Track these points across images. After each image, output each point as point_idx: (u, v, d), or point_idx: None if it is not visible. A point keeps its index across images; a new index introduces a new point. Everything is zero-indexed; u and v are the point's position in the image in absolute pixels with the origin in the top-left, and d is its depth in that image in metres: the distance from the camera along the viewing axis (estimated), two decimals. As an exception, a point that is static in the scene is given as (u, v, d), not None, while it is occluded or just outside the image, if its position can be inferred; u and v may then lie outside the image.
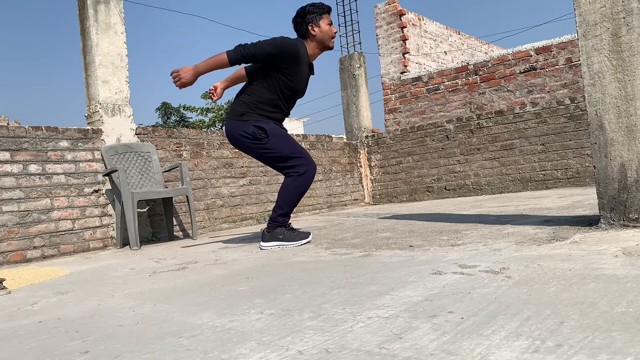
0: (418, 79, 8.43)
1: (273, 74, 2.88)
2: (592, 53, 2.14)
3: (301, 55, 2.87)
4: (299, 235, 2.91)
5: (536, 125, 5.72)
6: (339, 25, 8.13)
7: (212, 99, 3.12)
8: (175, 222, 4.54)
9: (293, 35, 3.00)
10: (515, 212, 3.29)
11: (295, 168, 2.91)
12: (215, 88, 3.14)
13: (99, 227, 4.04)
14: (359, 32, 7.98)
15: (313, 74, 3.08)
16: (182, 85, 2.79)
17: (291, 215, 3.06)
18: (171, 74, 2.84)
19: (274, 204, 3.10)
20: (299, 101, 3.12)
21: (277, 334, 1.17)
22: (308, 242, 2.91)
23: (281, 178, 5.73)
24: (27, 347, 1.30)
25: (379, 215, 4.43)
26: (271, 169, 5.64)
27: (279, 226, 2.88)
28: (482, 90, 7.70)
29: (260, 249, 2.88)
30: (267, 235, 2.88)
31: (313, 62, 3.05)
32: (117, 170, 3.81)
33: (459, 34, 10.39)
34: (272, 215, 2.90)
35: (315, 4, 2.96)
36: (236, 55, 2.78)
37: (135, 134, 4.35)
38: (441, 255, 1.97)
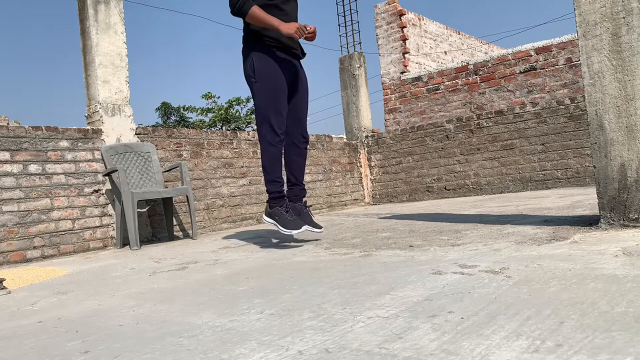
0: (418, 79, 8.43)
1: None
2: (592, 53, 2.14)
3: None
4: (294, 222, 2.73)
5: (536, 125, 5.72)
6: (338, 25, 8.13)
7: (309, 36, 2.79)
8: (175, 222, 4.54)
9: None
10: (515, 212, 3.29)
11: (259, 127, 2.80)
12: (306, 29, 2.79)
13: (99, 227, 4.04)
14: (359, 32, 7.98)
15: None
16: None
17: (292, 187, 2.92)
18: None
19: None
20: None
21: (277, 333, 1.17)
22: (299, 232, 2.72)
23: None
24: (27, 347, 1.30)
25: (379, 215, 4.43)
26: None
27: (271, 197, 2.80)
28: (482, 90, 7.70)
29: (264, 220, 2.81)
30: (268, 209, 2.82)
31: None
32: (117, 170, 3.81)
33: (459, 33, 10.39)
34: None
35: None
36: (238, 6, 2.71)
37: (135, 134, 4.35)
38: (441, 255, 1.97)
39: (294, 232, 2.72)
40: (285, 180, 2.94)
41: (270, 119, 2.76)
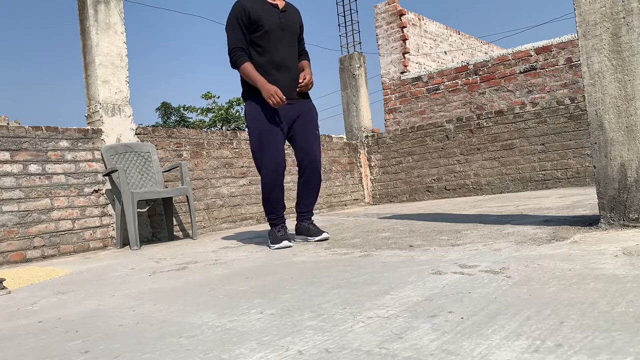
0: (418, 78, 8.43)
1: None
2: (592, 53, 2.14)
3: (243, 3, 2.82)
4: (277, 239, 2.87)
5: (536, 125, 5.72)
6: (338, 25, 8.13)
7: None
8: (175, 222, 4.54)
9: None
10: (515, 212, 3.29)
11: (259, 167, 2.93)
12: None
13: (99, 227, 4.04)
14: (359, 32, 7.99)
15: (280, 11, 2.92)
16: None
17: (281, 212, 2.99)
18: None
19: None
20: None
21: (277, 334, 1.17)
22: (282, 247, 2.81)
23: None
24: (27, 347, 1.30)
25: (379, 215, 4.43)
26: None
27: (269, 222, 2.98)
28: (482, 90, 7.70)
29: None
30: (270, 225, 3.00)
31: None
32: (117, 170, 3.81)
33: (459, 33, 10.39)
34: None
35: None
36: (233, 60, 2.87)
37: (135, 133, 4.35)
38: (441, 255, 1.97)
39: (275, 245, 2.85)
40: (299, 208, 3.07)
41: (261, 164, 2.88)
